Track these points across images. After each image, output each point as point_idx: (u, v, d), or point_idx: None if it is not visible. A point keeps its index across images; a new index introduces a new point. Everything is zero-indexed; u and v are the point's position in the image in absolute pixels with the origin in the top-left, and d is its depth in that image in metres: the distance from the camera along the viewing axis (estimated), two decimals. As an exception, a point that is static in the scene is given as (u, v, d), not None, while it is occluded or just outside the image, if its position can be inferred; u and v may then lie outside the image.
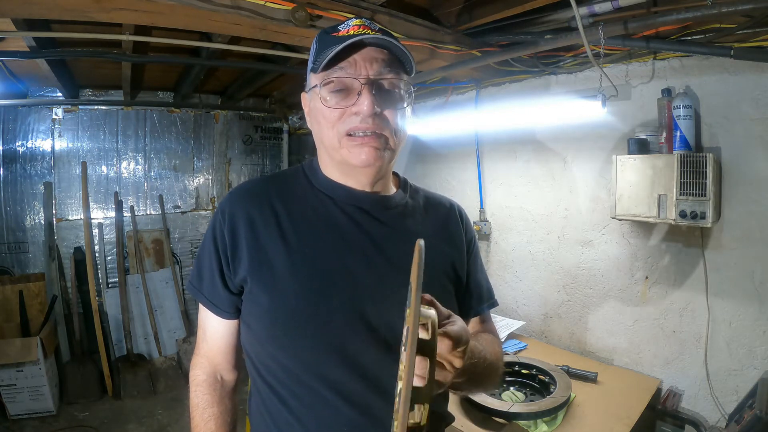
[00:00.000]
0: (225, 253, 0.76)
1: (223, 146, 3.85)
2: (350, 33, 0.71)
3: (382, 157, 0.73)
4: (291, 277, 0.72)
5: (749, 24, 1.37)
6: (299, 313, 0.70)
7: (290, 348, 0.71)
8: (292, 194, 0.80)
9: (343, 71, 0.70)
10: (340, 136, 0.72)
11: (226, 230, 0.76)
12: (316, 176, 0.82)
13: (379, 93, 0.70)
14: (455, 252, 0.85)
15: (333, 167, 0.80)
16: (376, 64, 0.70)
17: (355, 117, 0.70)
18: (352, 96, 0.71)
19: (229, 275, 0.77)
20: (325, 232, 0.76)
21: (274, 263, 0.73)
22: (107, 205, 3.37)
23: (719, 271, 1.60)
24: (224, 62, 2.45)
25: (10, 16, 1.38)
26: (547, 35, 1.61)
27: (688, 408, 1.67)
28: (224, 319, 0.81)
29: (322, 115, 0.73)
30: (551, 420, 1.40)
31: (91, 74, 2.92)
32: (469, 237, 0.90)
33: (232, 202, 0.79)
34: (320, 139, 0.77)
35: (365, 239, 0.76)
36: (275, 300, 0.72)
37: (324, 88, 0.72)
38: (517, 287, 2.32)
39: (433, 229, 0.84)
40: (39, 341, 2.58)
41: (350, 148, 0.72)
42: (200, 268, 0.81)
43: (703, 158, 1.48)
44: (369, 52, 0.70)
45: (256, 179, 0.86)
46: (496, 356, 0.81)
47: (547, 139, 2.16)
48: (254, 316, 0.75)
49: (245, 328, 0.79)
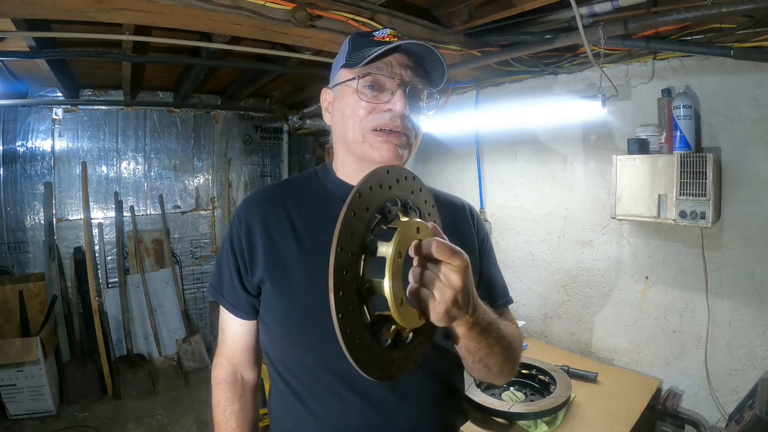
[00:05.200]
0: (242, 257, 0.80)
1: (223, 146, 3.85)
2: (386, 39, 0.77)
3: (401, 156, 0.77)
4: (305, 277, 0.75)
5: (749, 24, 1.37)
6: (313, 311, 0.73)
7: (306, 344, 0.75)
8: (306, 197, 0.84)
9: (379, 71, 0.75)
10: (365, 131, 0.76)
11: (243, 235, 0.80)
12: (329, 178, 0.86)
13: (409, 96, 0.76)
14: (467, 250, 0.84)
15: (350, 164, 0.82)
16: (409, 70, 0.76)
17: (386, 114, 0.75)
18: (385, 94, 0.75)
19: (247, 277, 0.81)
20: None
21: (289, 264, 0.77)
22: (107, 205, 3.37)
23: (719, 271, 1.60)
24: (224, 62, 2.45)
25: (10, 16, 1.38)
26: (547, 35, 1.61)
27: (688, 408, 1.67)
28: (243, 319, 0.85)
29: (350, 109, 0.77)
30: (551, 420, 1.40)
31: (91, 74, 2.93)
32: (481, 237, 0.91)
33: (248, 209, 0.83)
34: (343, 131, 0.80)
35: None
36: (291, 299, 0.76)
37: (360, 81, 0.75)
38: (517, 287, 2.32)
39: (443, 228, 0.84)
40: (39, 341, 2.58)
41: (373, 143, 0.76)
42: (220, 272, 0.85)
43: (703, 158, 1.48)
44: (402, 58, 0.76)
45: (270, 186, 0.91)
46: (514, 337, 0.80)
47: (547, 139, 2.15)
48: (271, 316, 0.79)
49: (263, 327, 0.83)
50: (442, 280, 0.53)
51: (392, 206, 0.58)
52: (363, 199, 0.53)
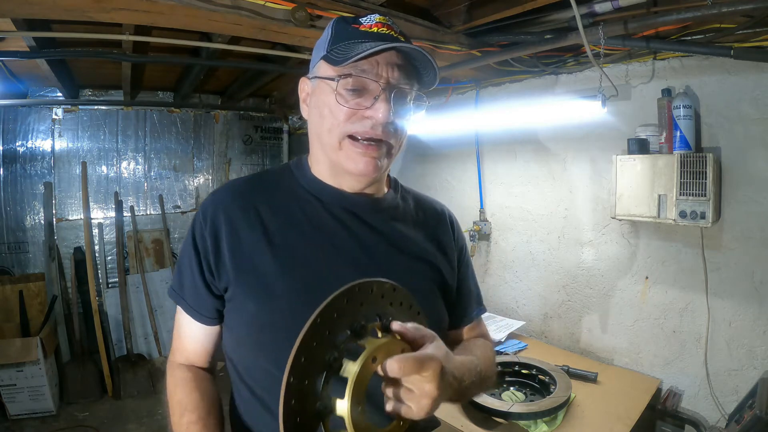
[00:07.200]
0: (207, 259, 0.73)
1: (223, 146, 3.85)
2: (373, 29, 0.69)
3: (379, 168, 0.71)
4: (278, 283, 0.69)
5: (749, 24, 1.37)
6: (287, 320, 0.67)
7: (275, 353, 0.67)
8: (278, 195, 0.77)
9: (363, 72, 0.67)
10: (342, 137, 0.70)
11: (207, 234, 0.73)
12: (305, 175, 0.79)
13: (395, 100, 0.69)
14: (445, 260, 0.83)
15: (325, 166, 0.77)
16: (396, 69, 0.69)
17: (367, 121, 0.68)
18: (368, 98, 0.68)
19: (212, 281, 0.74)
20: (312, 236, 0.73)
21: (259, 268, 0.71)
22: (107, 205, 3.37)
23: (719, 271, 1.60)
24: (224, 62, 2.45)
25: (10, 16, 1.38)
26: (547, 35, 1.61)
27: (688, 408, 1.67)
28: (206, 324, 0.78)
29: (329, 110, 0.70)
30: (551, 420, 1.39)
31: (91, 74, 2.93)
32: (459, 245, 0.88)
33: (215, 204, 0.75)
34: (318, 132, 0.74)
35: (354, 243, 0.74)
36: (262, 307, 0.69)
37: (341, 82, 0.68)
38: (517, 287, 2.32)
39: (424, 235, 0.82)
40: (39, 341, 2.58)
41: (350, 153, 0.70)
42: (181, 273, 0.77)
43: (703, 158, 1.48)
44: (391, 56, 0.68)
45: (240, 179, 0.82)
46: (490, 362, 0.81)
47: (547, 139, 2.15)
48: (240, 322, 0.73)
49: (228, 332, 0.76)
50: (416, 393, 0.52)
51: (363, 324, 0.54)
52: (324, 322, 0.51)
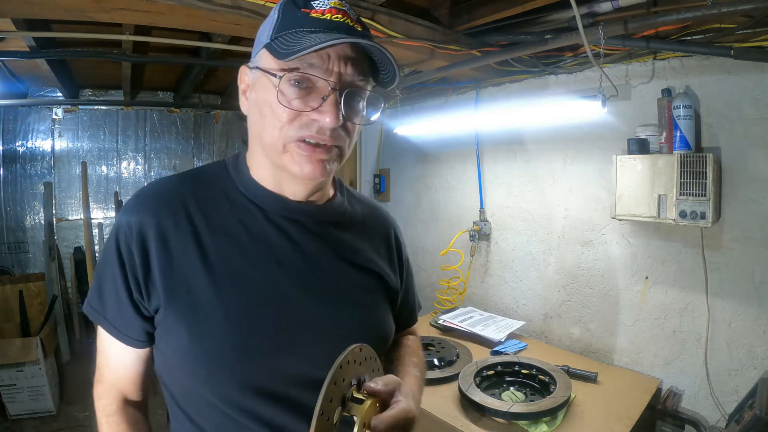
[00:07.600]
0: (134, 274, 0.63)
1: (223, 146, 3.85)
2: (326, 16, 0.61)
3: (327, 172, 0.64)
4: (214, 307, 0.62)
5: (749, 24, 1.37)
6: (226, 351, 0.61)
7: (215, 387, 0.61)
8: (213, 201, 0.68)
9: (311, 67, 0.59)
10: (286, 140, 0.62)
11: (134, 246, 0.63)
12: (243, 179, 0.70)
13: (346, 101, 0.61)
14: (392, 272, 0.82)
15: (267, 169, 0.69)
16: (350, 64, 0.61)
17: (313, 124, 0.61)
18: (315, 98, 0.61)
19: (141, 301, 0.64)
20: (253, 251, 0.66)
21: (192, 289, 0.62)
22: (107, 205, 3.38)
23: (719, 271, 1.60)
24: (224, 62, 2.45)
25: (10, 16, 1.38)
26: (547, 35, 1.61)
27: (688, 408, 1.67)
28: (133, 347, 0.68)
29: (270, 109, 0.62)
30: (551, 420, 1.39)
31: (91, 74, 2.93)
32: (404, 257, 0.87)
33: (141, 210, 0.65)
34: (259, 132, 0.65)
35: (298, 256, 0.68)
36: (197, 335, 0.61)
37: (284, 79, 0.60)
38: (517, 287, 2.32)
39: (370, 244, 0.79)
40: (39, 341, 2.58)
41: (295, 156, 0.62)
42: (101, 288, 0.67)
43: (703, 158, 1.48)
44: (344, 48, 0.60)
45: (168, 178, 0.72)
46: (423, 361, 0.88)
47: (547, 139, 2.15)
48: (172, 349, 0.64)
49: (160, 357, 0.68)
50: None
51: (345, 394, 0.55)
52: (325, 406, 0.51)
